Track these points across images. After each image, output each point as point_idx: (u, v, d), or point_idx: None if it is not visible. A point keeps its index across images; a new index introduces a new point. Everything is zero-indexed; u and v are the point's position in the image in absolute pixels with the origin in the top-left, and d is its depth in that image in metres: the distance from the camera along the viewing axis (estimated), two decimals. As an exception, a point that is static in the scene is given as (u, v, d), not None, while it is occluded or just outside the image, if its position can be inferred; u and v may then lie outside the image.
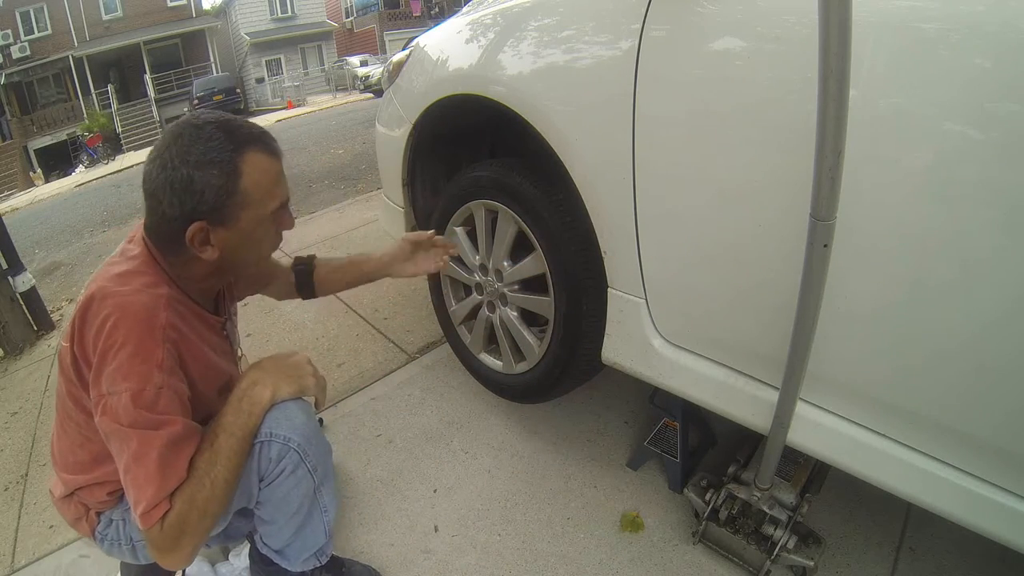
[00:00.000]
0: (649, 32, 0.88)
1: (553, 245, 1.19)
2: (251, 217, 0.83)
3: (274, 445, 0.87)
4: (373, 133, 1.75)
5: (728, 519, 1.11)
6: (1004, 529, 0.74)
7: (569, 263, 1.17)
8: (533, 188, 1.20)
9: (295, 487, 0.90)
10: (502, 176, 1.25)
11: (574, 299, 1.19)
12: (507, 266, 1.33)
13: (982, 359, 0.69)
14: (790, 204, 0.75)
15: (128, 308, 0.78)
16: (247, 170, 0.80)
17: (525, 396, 1.45)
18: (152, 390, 0.77)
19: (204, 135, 0.79)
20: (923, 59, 0.65)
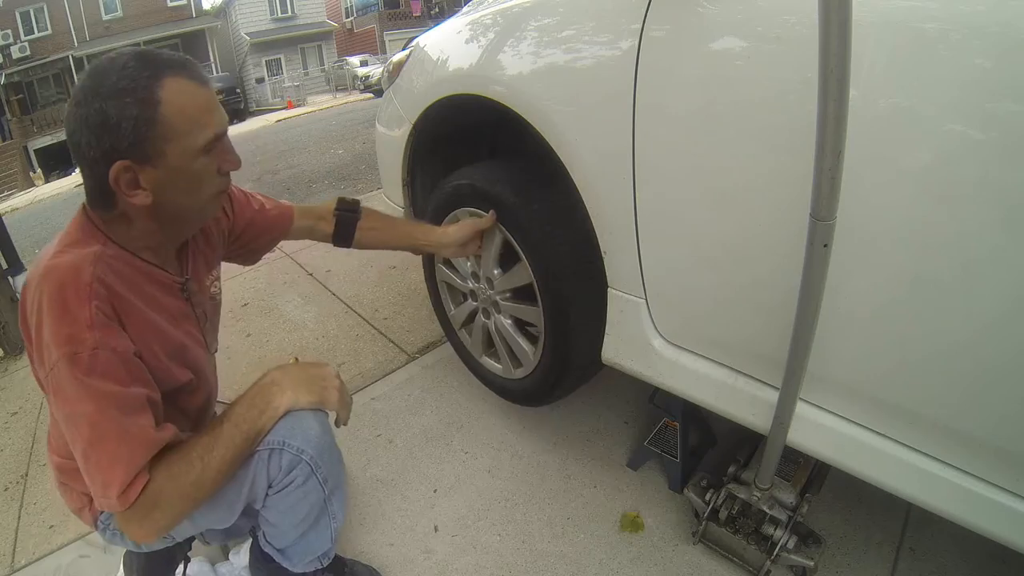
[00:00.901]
0: (649, 32, 0.88)
1: (537, 255, 1.16)
2: (179, 152, 0.74)
3: (286, 455, 0.84)
4: (373, 133, 1.75)
5: (728, 519, 1.11)
6: (1004, 529, 0.74)
7: (556, 272, 1.15)
8: (515, 197, 1.17)
9: (303, 498, 0.89)
10: (484, 185, 1.23)
11: (562, 309, 1.17)
12: (497, 275, 1.32)
13: (982, 359, 0.69)
14: (790, 204, 0.75)
15: (52, 274, 0.73)
16: (167, 97, 0.72)
17: (527, 400, 1.44)
18: (86, 352, 0.70)
19: (117, 65, 0.71)
20: (923, 59, 0.65)
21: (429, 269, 1.58)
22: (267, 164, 6.92)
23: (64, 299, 0.71)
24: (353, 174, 5.38)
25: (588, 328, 1.18)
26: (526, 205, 1.16)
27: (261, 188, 5.49)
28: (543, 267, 1.17)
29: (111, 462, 0.70)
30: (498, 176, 1.23)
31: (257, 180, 6.00)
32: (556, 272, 1.15)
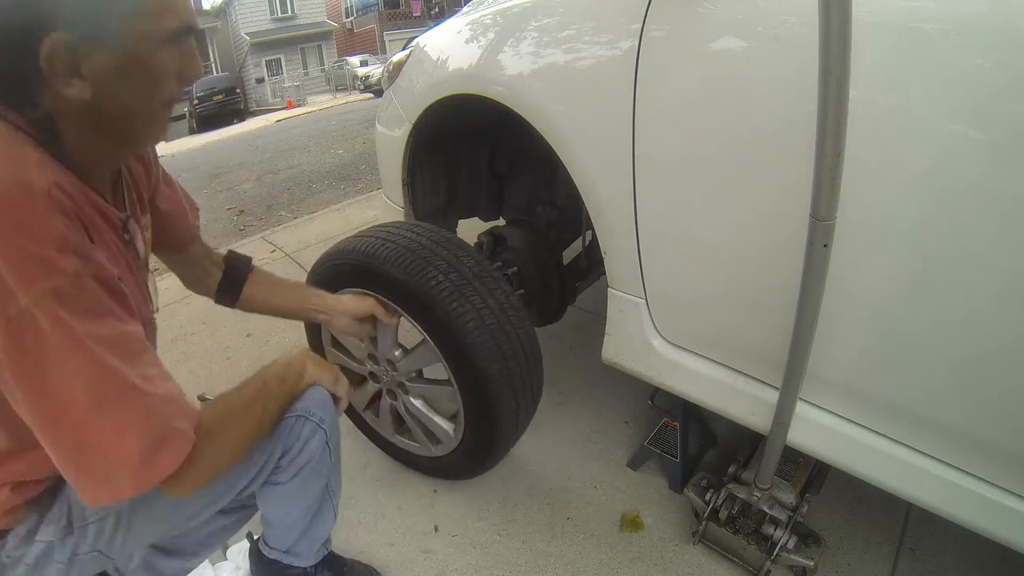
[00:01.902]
0: (649, 32, 0.88)
1: (444, 334, 1.04)
2: (140, 34, 0.57)
3: (309, 423, 0.84)
4: (373, 133, 1.75)
5: (728, 519, 1.11)
6: (1004, 529, 0.74)
7: (469, 350, 1.01)
8: (407, 275, 1.03)
9: (316, 474, 0.89)
10: (367, 263, 1.09)
11: (480, 388, 1.04)
12: (398, 356, 1.21)
13: (982, 359, 0.69)
14: (790, 204, 0.75)
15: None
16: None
17: (456, 476, 1.33)
18: (67, 282, 0.54)
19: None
20: (923, 59, 0.65)
21: (319, 352, 1.38)
22: (267, 164, 6.92)
23: (17, 220, 0.52)
24: (353, 174, 5.38)
25: (516, 401, 1.08)
26: (427, 281, 1.02)
27: (261, 188, 5.50)
28: (452, 347, 1.04)
29: (121, 431, 0.56)
30: (387, 253, 1.07)
31: (257, 180, 6.00)
32: (469, 350, 1.02)
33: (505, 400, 1.06)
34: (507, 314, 1.06)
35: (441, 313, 1.01)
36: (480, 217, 1.81)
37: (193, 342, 2.30)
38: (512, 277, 1.45)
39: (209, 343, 2.27)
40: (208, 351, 2.21)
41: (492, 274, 1.09)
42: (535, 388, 1.15)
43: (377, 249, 1.08)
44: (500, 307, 1.05)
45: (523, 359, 1.08)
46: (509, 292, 1.09)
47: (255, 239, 3.54)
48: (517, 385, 1.07)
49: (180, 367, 2.14)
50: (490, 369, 1.03)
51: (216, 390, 1.96)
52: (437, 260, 1.05)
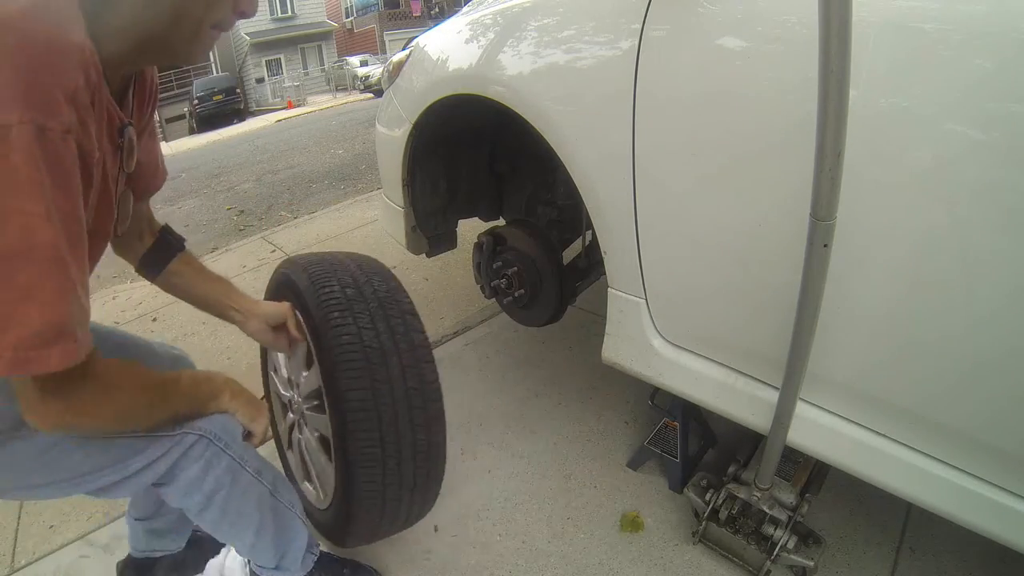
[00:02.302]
0: (649, 32, 0.88)
1: (318, 344, 0.94)
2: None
3: (211, 447, 0.81)
4: (373, 133, 1.75)
5: (728, 519, 1.11)
6: (1004, 529, 0.74)
7: (337, 364, 0.90)
8: (308, 281, 0.97)
9: (245, 496, 0.85)
10: (287, 269, 1.06)
11: (338, 413, 0.91)
12: (304, 376, 1.10)
13: (982, 359, 0.69)
14: (790, 204, 0.75)
15: (28, 15, 0.52)
16: None
17: (328, 537, 1.12)
18: (58, 132, 0.52)
19: None
20: (923, 59, 0.65)
21: (265, 379, 1.33)
22: (267, 164, 6.92)
23: (48, 52, 0.51)
24: (353, 174, 5.38)
25: (383, 447, 0.91)
26: (316, 287, 0.95)
27: (261, 188, 5.50)
28: (324, 361, 0.93)
29: (28, 295, 0.52)
30: (306, 262, 1.03)
31: (257, 180, 6.00)
32: (335, 366, 0.91)
33: (364, 436, 0.90)
34: (399, 346, 0.93)
35: (319, 319, 0.93)
36: (480, 217, 1.81)
37: (193, 342, 2.30)
38: (512, 277, 1.45)
39: (209, 343, 2.27)
40: (208, 351, 2.21)
41: (400, 305, 0.99)
42: (420, 448, 0.95)
43: (302, 259, 1.06)
44: (392, 335, 0.93)
45: (403, 404, 0.92)
46: (417, 329, 0.97)
47: (255, 239, 3.54)
48: (387, 429, 0.91)
49: (180, 367, 2.14)
50: (351, 393, 0.89)
51: (216, 390, 1.96)
52: (343, 273, 1.00)
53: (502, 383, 1.75)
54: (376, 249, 2.92)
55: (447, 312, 2.24)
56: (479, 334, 2.04)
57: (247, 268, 3.00)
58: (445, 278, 2.52)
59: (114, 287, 3.10)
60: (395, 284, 1.04)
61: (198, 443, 0.79)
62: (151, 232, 0.98)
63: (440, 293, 2.40)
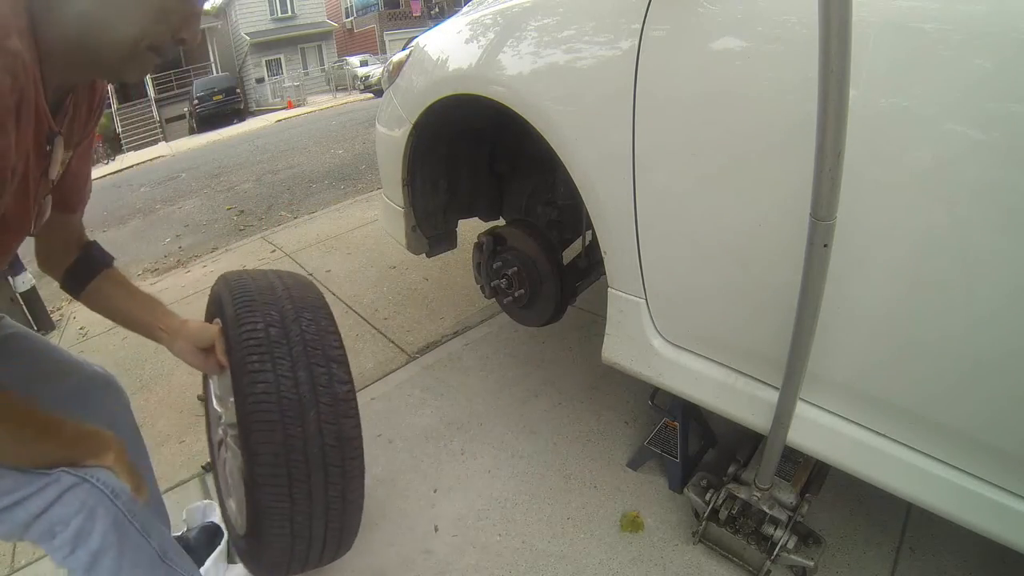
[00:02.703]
0: (649, 32, 0.88)
1: (236, 392, 0.90)
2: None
3: (94, 494, 0.72)
4: (373, 133, 1.75)
5: (728, 519, 1.11)
6: (1004, 529, 0.74)
7: (249, 416, 0.85)
8: (234, 310, 0.92)
9: (135, 557, 0.75)
10: (219, 289, 1.02)
11: (254, 473, 0.86)
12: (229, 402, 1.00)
13: (982, 359, 0.69)
14: (790, 204, 0.75)
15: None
16: None
17: (250, 568, 1.05)
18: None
19: None
20: (923, 59, 0.65)
21: (205, 382, 1.27)
22: (267, 164, 6.92)
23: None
24: (353, 174, 5.38)
25: (292, 508, 0.87)
26: (237, 324, 0.90)
27: (261, 188, 5.50)
28: (243, 416, 0.87)
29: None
30: (239, 285, 0.98)
31: (257, 180, 6.00)
32: (247, 418, 0.86)
33: (271, 490, 0.87)
34: (319, 399, 0.88)
35: (237, 360, 0.88)
36: (480, 217, 1.81)
37: (193, 342, 2.29)
38: (512, 277, 1.45)
39: (209, 343, 2.27)
40: (208, 351, 2.21)
41: (327, 350, 0.92)
42: (333, 505, 0.93)
43: (239, 279, 1.00)
44: (313, 387, 0.88)
45: (317, 461, 0.88)
46: (341, 380, 0.92)
47: (255, 239, 3.54)
48: (297, 486, 0.87)
49: (180, 367, 2.14)
50: (261, 447, 0.85)
51: (216, 390, 1.96)
52: (271, 307, 0.93)
53: (502, 383, 1.75)
54: (376, 249, 2.93)
55: (447, 312, 2.24)
56: (479, 334, 2.04)
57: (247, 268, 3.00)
58: (445, 278, 2.52)
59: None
60: (325, 323, 0.96)
61: (79, 487, 0.71)
62: (78, 248, 0.95)
63: (440, 293, 2.40)
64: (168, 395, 1.99)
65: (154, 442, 1.76)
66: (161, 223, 5.13)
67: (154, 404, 1.95)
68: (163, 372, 2.14)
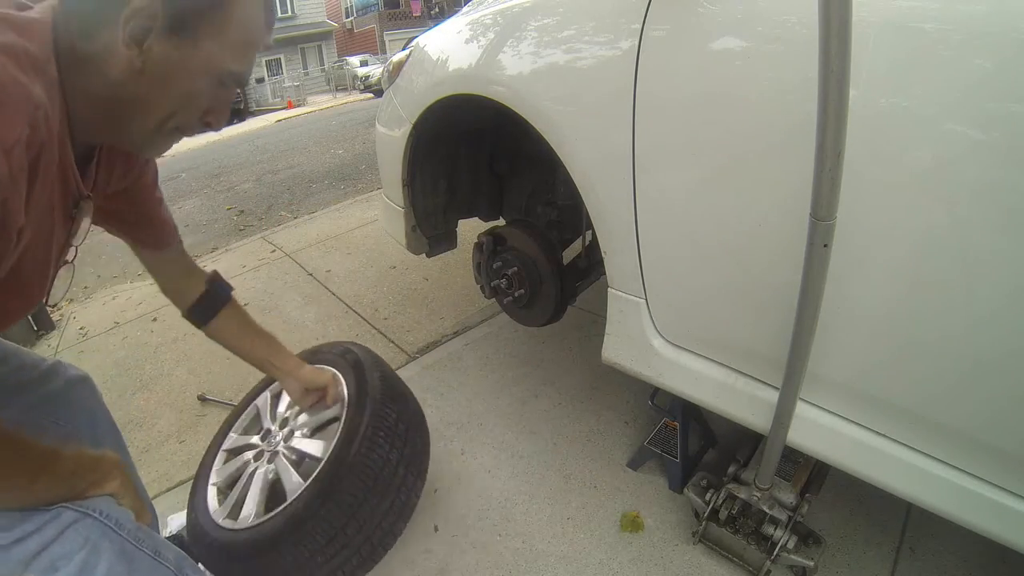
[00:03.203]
0: (649, 32, 0.88)
1: (345, 443, 1.06)
2: (208, 54, 0.61)
3: (98, 526, 0.70)
4: (373, 133, 1.75)
5: (728, 519, 1.11)
6: (1004, 529, 0.74)
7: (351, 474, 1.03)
8: (379, 391, 1.12)
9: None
10: (367, 366, 1.22)
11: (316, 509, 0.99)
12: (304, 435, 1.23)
13: (982, 359, 0.69)
14: (790, 204, 0.75)
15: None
16: (242, 9, 0.62)
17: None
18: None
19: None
20: (923, 59, 0.65)
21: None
22: (267, 164, 6.92)
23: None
24: (353, 174, 5.38)
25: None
26: (380, 404, 1.11)
27: (261, 188, 5.49)
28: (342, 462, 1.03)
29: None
30: (386, 374, 1.19)
31: (257, 180, 6.00)
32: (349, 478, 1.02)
33: (320, 529, 0.99)
34: (398, 497, 1.07)
35: (368, 427, 1.06)
36: (480, 217, 1.81)
37: (193, 342, 2.30)
38: (512, 277, 1.45)
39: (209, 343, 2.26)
40: (208, 351, 2.21)
41: (419, 465, 1.14)
42: (360, 557, 1.05)
43: (389, 370, 1.25)
44: (400, 486, 1.08)
45: (365, 532, 1.03)
46: (415, 492, 1.12)
47: (255, 239, 3.54)
48: (337, 541, 1.01)
49: (180, 367, 2.14)
50: (339, 496, 1.00)
51: (216, 390, 1.98)
52: (404, 409, 1.15)
53: (502, 383, 1.75)
54: (376, 249, 2.93)
55: (447, 312, 2.24)
56: (479, 334, 2.05)
57: (247, 268, 3.00)
58: (445, 278, 2.53)
59: (114, 287, 3.09)
60: (424, 444, 1.18)
61: (81, 522, 0.68)
62: (196, 282, 1.04)
63: (440, 293, 2.40)
64: (168, 395, 1.99)
65: (154, 442, 1.76)
66: (161, 223, 5.12)
67: (154, 404, 1.95)
68: (163, 372, 2.14)
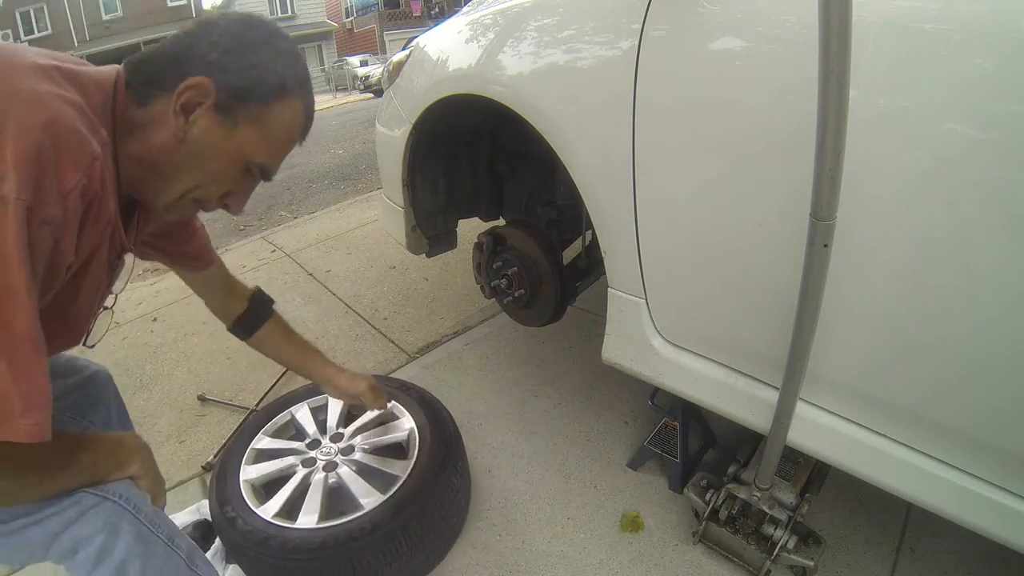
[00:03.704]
0: (649, 32, 0.88)
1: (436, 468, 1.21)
2: (242, 140, 0.67)
3: (117, 511, 0.71)
4: (373, 133, 1.75)
5: (728, 519, 1.11)
6: (1004, 529, 0.74)
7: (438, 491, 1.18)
8: (454, 431, 1.30)
9: (161, 569, 0.75)
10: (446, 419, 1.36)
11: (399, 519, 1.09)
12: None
13: (982, 359, 0.69)
14: (790, 204, 0.75)
15: (56, 105, 0.56)
16: (291, 106, 0.70)
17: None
18: (36, 221, 0.52)
19: (296, 46, 0.71)
20: (923, 59, 0.65)
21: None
22: (267, 164, 6.91)
23: (59, 144, 0.54)
24: (353, 174, 5.38)
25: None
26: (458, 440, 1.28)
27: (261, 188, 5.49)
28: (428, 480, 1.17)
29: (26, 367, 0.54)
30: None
31: (257, 180, 5.99)
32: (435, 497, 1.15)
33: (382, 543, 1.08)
34: (454, 519, 1.23)
35: (454, 463, 1.23)
36: (480, 217, 1.81)
37: (193, 342, 2.30)
38: (512, 277, 1.45)
39: (209, 343, 2.27)
40: (208, 351, 2.21)
41: (459, 509, 1.26)
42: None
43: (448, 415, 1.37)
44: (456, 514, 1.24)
45: (425, 541, 1.14)
46: (460, 518, 1.26)
47: (255, 239, 3.54)
48: (392, 548, 1.10)
49: (180, 367, 2.14)
50: (420, 505, 1.13)
51: (216, 390, 1.98)
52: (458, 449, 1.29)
53: (502, 383, 1.75)
54: (376, 249, 2.93)
55: (447, 312, 2.24)
56: (479, 334, 2.04)
57: (247, 268, 3.00)
58: (445, 278, 2.52)
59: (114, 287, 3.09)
60: (469, 480, 1.33)
61: (101, 505, 0.70)
62: (239, 298, 1.10)
63: (440, 293, 2.40)
64: (168, 395, 1.99)
65: (154, 442, 1.75)
66: (161, 223, 5.13)
67: (154, 404, 1.95)
68: (163, 372, 2.14)
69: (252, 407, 1.80)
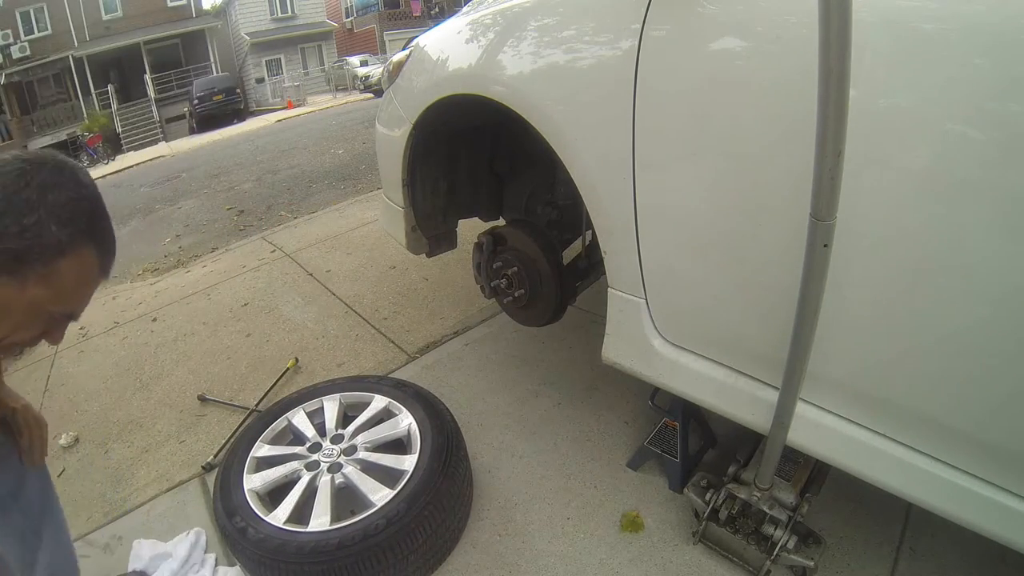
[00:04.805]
0: (649, 32, 0.88)
1: (440, 474, 1.21)
2: (36, 295, 0.69)
3: None
4: (373, 133, 1.74)
5: (728, 519, 1.11)
6: (1004, 529, 0.74)
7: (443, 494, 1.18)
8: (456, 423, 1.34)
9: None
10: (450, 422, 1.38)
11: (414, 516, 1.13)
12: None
13: (982, 359, 0.69)
14: (790, 204, 0.75)
15: None
16: (78, 258, 0.69)
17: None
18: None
19: (80, 191, 0.69)
20: (923, 59, 0.65)
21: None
22: (267, 164, 6.92)
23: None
24: (353, 174, 5.38)
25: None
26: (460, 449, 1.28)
27: (261, 188, 5.50)
28: (436, 486, 1.19)
29: None
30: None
31: (257, 180, 6.00)
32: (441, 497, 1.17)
33: (398, 539, 1.11)
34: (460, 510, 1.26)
35: (461, 490, 1.26)
36: (480, 217, 1.81)
37: (193, 342, 2.30)
38: (512, 277, 1.45)
39: (209, 343, 2.27)
40: (208, 351, 2.21)
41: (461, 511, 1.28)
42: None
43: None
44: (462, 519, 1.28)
45: (438, 534, 1.18)
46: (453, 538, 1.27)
47: (255, 239, 3.54)
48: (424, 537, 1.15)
49: (180, 367, 2.14)
50: (435, 503, 1.17)
51: (216, 390, 1.98)
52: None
53: (502, 383, 1.75)
54: (376, 249, 2.93)
55: (447, 312, 2.24)
56: (479, 334, 2.04)
57: (247, 268, 3.00)
58: (445, 278, 2.52)
59: (114, 287, 3.09)
60: (470, 473, 1.34)
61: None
62: None
63: (440, 293, 2.40)
64: (168, 395, 1.99)
65: (154, 442, 1.76)
66: (161, 223, 5.13)
67: (154, 404, 1.95)
68: (163, 372, 2.14)
69: (252, 407, 1.80)
